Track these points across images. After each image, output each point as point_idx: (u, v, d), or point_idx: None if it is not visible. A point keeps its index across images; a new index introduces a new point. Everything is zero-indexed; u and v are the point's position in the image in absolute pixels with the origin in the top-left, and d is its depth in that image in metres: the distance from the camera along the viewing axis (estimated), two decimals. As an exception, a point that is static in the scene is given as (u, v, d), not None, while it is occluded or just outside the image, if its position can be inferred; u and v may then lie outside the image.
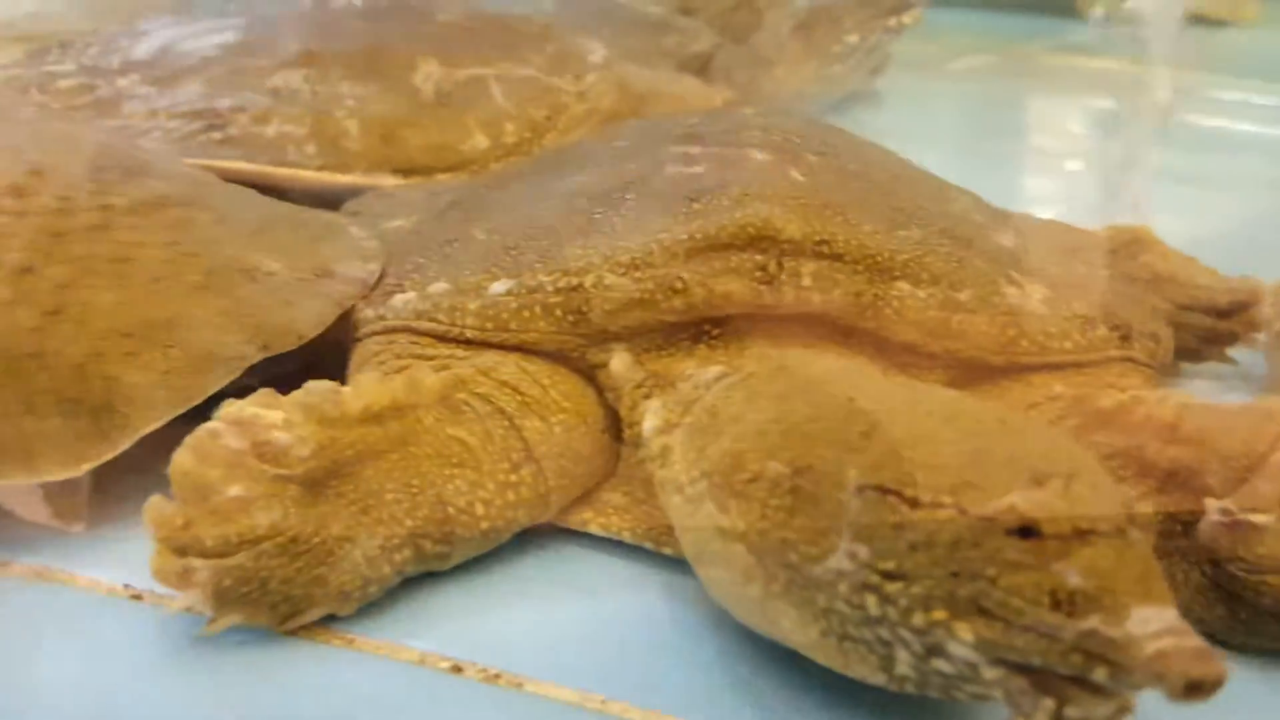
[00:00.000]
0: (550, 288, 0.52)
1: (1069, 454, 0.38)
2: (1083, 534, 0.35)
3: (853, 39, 1.25)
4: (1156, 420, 0.48)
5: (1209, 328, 0.69)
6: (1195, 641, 0.33)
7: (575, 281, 0.52)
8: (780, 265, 0.51)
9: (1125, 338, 0.54)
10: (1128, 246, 0.69)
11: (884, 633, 0.38)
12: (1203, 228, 0.91)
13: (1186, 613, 0.45)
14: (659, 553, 0.50)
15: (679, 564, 0.50)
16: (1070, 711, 0.35)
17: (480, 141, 0.84)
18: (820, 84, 1.27)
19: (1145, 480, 0.47)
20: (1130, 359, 0.54)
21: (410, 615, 0.47)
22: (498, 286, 0.54)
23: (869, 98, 1.35)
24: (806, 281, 0.51)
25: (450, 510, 0.48)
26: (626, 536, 0.51)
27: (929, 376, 0.52)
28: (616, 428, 0.53)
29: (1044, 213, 0.70)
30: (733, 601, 0.43)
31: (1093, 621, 0.34)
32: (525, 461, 0.50)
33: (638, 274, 0.52)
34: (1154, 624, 0.33)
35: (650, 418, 0.50)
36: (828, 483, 0.39)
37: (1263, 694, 0.44)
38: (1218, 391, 0.64)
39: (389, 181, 0.82)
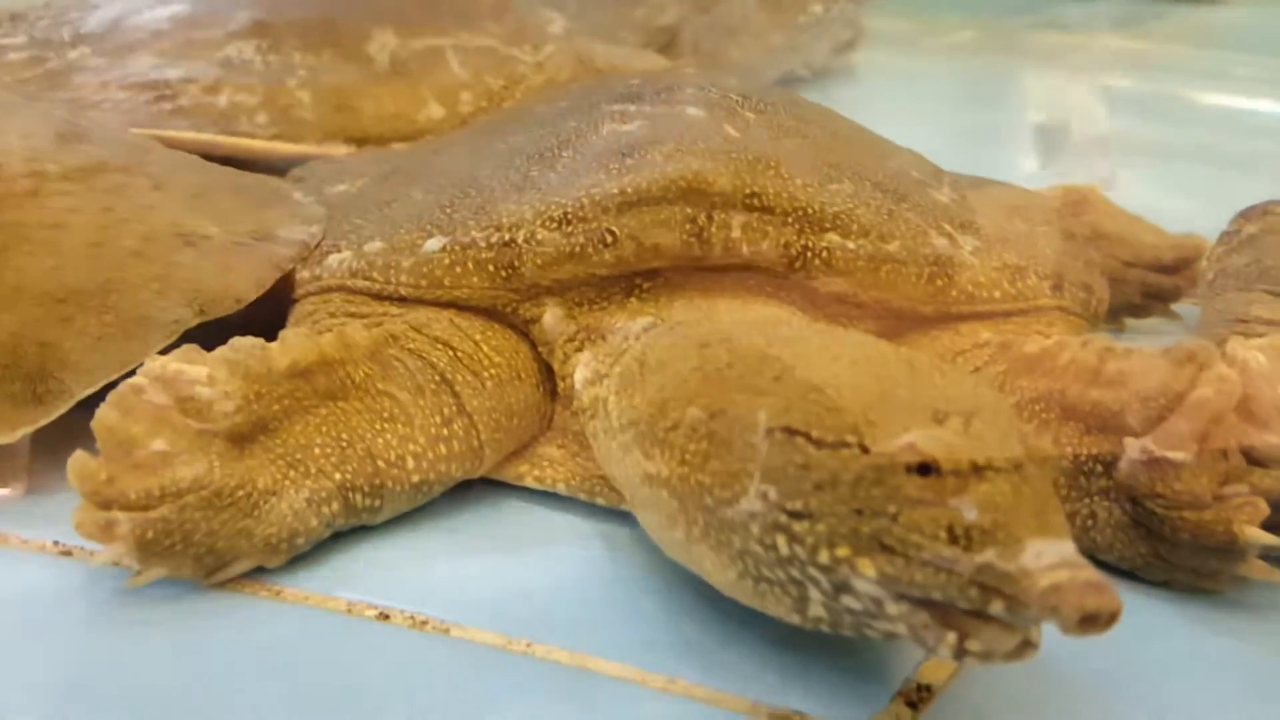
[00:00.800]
0: (483, 243, 0.53)
1: (972, 394, 0.38)
2: (979, 470, 0.35)
3: (817, 9, 1.25)
4: (1079, 364, 0.48)
5: (1153, 283, 0.70)
6: (1089, 574, 0.33)
7: (507, 237, 0.52)
8: (710, 218, 0.51)
9: (1056, 288, 0.55)
10: (1076, 206, 0.69)
11: (795, 572, 0.38)
12: (1158, 191, 0.91)
13: (1109, 550, 0.47)
14: (593, 503, 0.51)
15: (612, 513, 0.50)
16: (972, 645, 0.35)
17: (435, 111, 0.84)
18: (786, 55, 1.27)
19: (1069, 422, 0.48)
20: (1061, 308, 0.55)
21: (340, 567, 0.47)
22: (432, 244, 0.54)
23: (845, 73, 1.35)
24: (736, 234, 0.51)
25: (380, 464, 0.48)
26: (561, 489, 0.52)
27: (860, 326, 0.53)
28: (551, 382, 0.53)
29: (1006, 178, 0.70)
30: (664, 545, 0.44)
31: (988, 555, 0.34)
32: (457, 416, 0.50)
33: (569, 228, 0.52)
34: (1048, 557, 0.34)
35: (581, 369, 0.50)
36: (739, 426, 0.40)
37: (1182, 627, 0.44)
38: (1159, 344, 0.65)
39: (342, 151, 0.82)
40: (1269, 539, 0.44)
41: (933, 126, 1.16)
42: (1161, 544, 0.45)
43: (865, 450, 0.36)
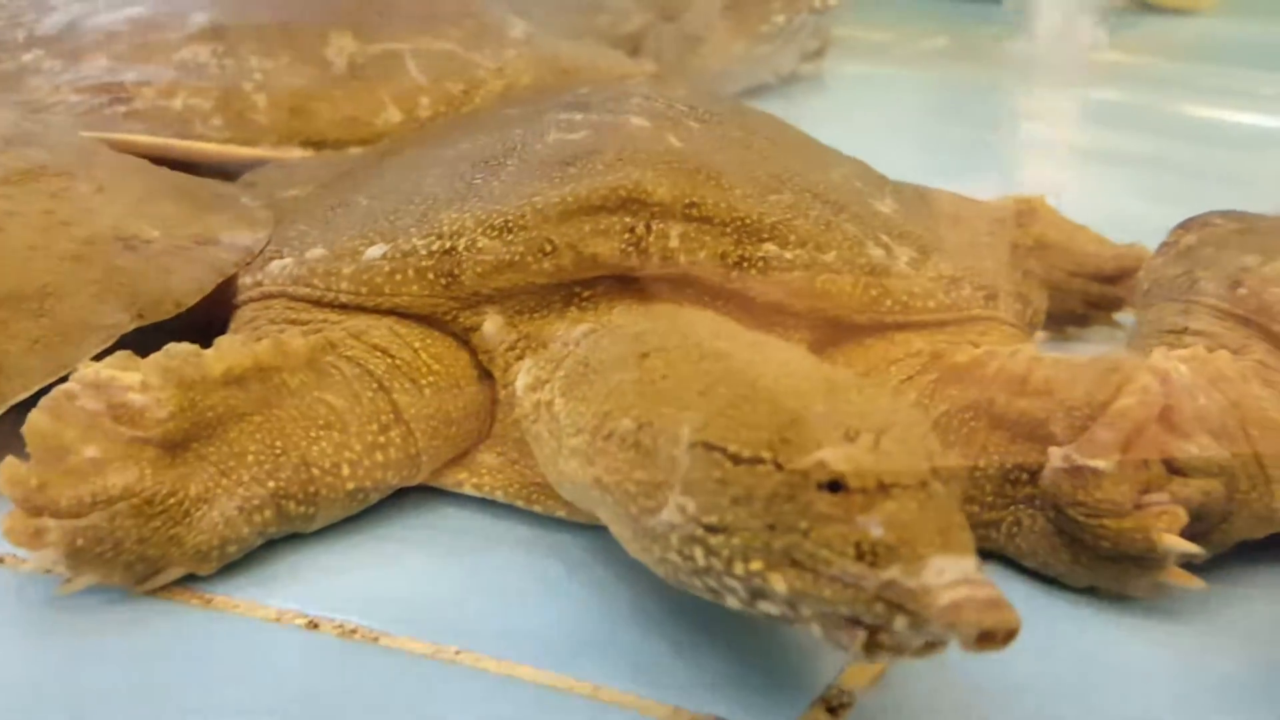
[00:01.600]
0: (424, 251, 0.53)
1: (887, 410, 0.39)
2: (886, 488, 0.36)
3: (779, 19, 1.26)
4: (1007, 373, 0.49)
5: (1095, 293, 0.71)
6: (988, 591, 0.34)
7: (448, 245, 0.52)
8: (649, 228, 0.52)
9: (990, 298, 0.56)
10: (1023, 216, 0.70)
11: (712, 582, 0.39)
12: (1107, 200, 0.93)
13: (1033, 557, 0.48)
14: (531, 510, 0.51)
15: (551, 520, 0.51)
16: (884, 640, 0.36)
17: (393, 116, 0.84)
18: (751, 64, 1.28)
19: (997, 431, 0.48)
20: (995, 318, 0.55)
21: (273, 575, 0.47)
22: (373, 251, 0.54)
23: (813, 82, 1.36)
24: (674, 243, 0.52)
25: (315, 471, 0.48)
26: (499, 495, 0.52)
27: (796, 335, 0.53)
28: (491, 389, 0.53)
29: (963, 188, 0.71)
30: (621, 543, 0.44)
31: (892, 572, 0.35)
32: (394, 423, 0.50)
33: (509, 236, 0.52)
34: (949, 574, 0.34)
35: (523, 376, 0.51)
36: (664, 438, 0.40)
37: (1103, 634, 0.45)
38: (1090, 354, 0.66)
39: (298, 155, 0.81)
40: (1187, 546, 0.44)
41: (897, 136, 1.17)
42: (1083, 551, 0.46)
43: (779, 467, 0.37)
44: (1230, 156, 1.09)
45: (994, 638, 0.33)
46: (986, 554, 0.49)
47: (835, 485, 0.36)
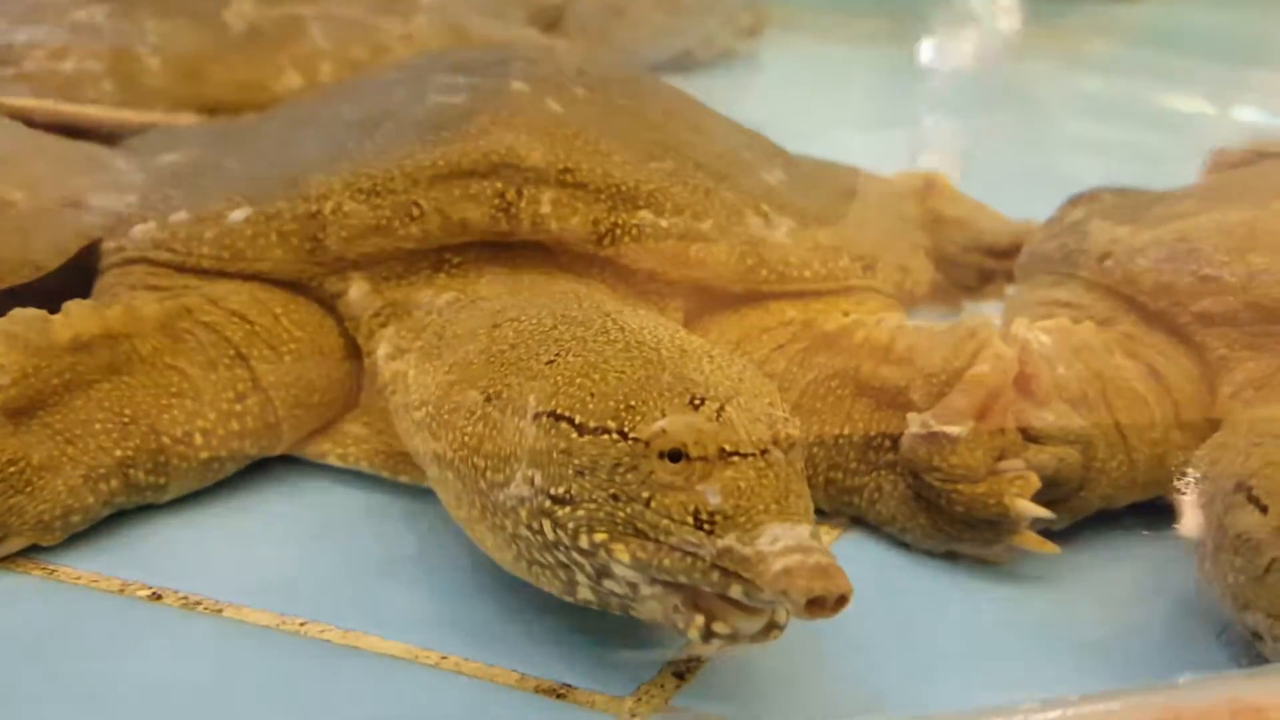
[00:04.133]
0: (288, 214, 0.51)
1: (734, 379, 0.38)
2: (726, 456, 0.36)
3: (699, -9, 1.26)
4: (872, 342, 0.49)
5: (988, 267, 0.71)
6: (820, 558, 0.34)
7: (314, 208, 0.51)
8: (520, 193, 0.51)
9: (868, 268, 0.56)
10: (922, 191, 0.70)
11: (561, 556, 0.38)
12: (1012, 179, 0.94)
13: (892, 522, 0.48)
14: (396, 480, 0.50)
15: (415, 490, 0.50)
16: (719, 627, 0.36)
17: (293, 80, 0.81)
18: (674, 36, 1.27)
19: (862, 398, 0.48)
20: (872, 288, 0.55)
21: (122, 546, 0.46)
22: (237, 214, 0.52)
23: (748, 57, 1.35)
24: (545, 209, 0.51)
25: (165, 440, 0.47)
26: (364, 466, 0.51)
27: (673, 304, 0.53)
28: (358, 358, 0.52)
29: (877, 163, 0.71)
30: (459, 523, 0.43)
31: (729, 540, 0.35)
32: (252, 391, 0.49)
33: (377, 200, 0.51)
34: (783, 541, 0.34)
35: (384, 345, 0.49)
36: (511, 410, 0.40)
37: (954, 596, 0.45)
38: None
39: (191, 120, 0.79)
40: (1039, 511, 0.45)
41: (824, 112, 1.17)
42: (940, 516, 0.46)
43: (623, 436, 0.37)
44: (1150, 137, 1.11)
45: (823, 604, 0.33)
46: (850, 519, 0.50)
47: (676, 454, 0.36)
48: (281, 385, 0.49)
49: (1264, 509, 0.38)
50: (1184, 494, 0.45)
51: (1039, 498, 0.45)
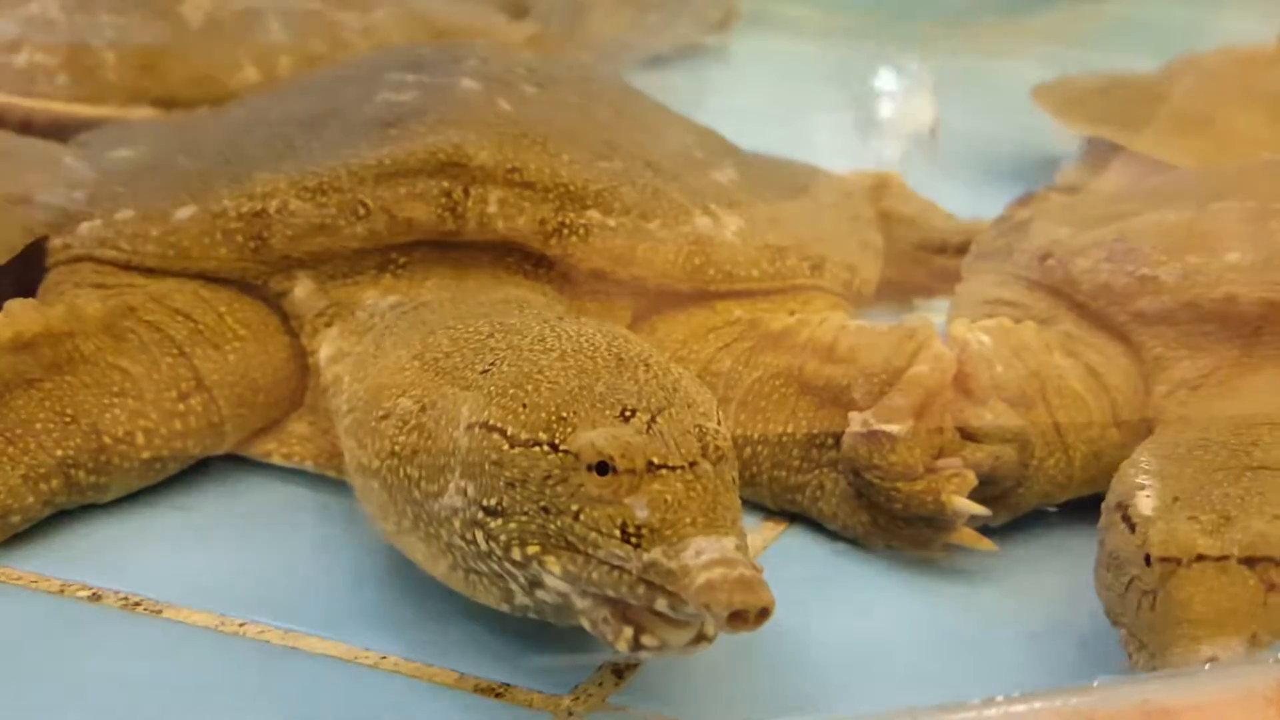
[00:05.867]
0: (233, 213, 0.51)
1: (668, 389, 0.38)
2: (654, 469, 0.36)
3: (667, -13, 1.26)
4: (816, 341, 0.49)
5: (940, 266, 0.72)
6: (743, 571, 0.34)
7: (259, 206, 0.51)
8: (466, 192, 0.51)
9: (816, 268, 0.56)
10: (875, 190, 0.71)
11: (495, 566, 0.38)
12: (969, 179, 0.95)
13: (834, 519, 0.48)
14: (341, 480, 0.50)
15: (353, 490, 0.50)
16: (647, 640, 0.36)
17: (250, 75, 0.81)
18: (639, 31, 1.27)
19: (806, 397, 0.49)
20: (819, 288, 0.56)
21: (62, 547, 0.46)
22: (182, 212, 0.52)
23: (717, 52, 1.35)
24: (492, 209, 0.51)
25: (106, 440, 0.47)
26: (309, 466, 0.51)
27: (620, 303, 0.53)
28: (304, 357, 0.52)
29: (837, 161, 0.72)
30: (381, 534, 0.43)
31: (655, 553, 0.35)
32: (195, 391, 0.49)
33: (323, 199, 0.50)
34: (707, 554, 0.34)
35: (326, 346, 0.49)
36: (445, 420, 0.40)
37: (893, 593, 0.46)
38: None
39: (147, 114, 0.79)
40: (975, 509, 0.46)
41: (788, 108, 1.17)
42: (880, 514, 0.47)
43: (554, 448, 0.37)
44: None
45: (745, 617, 0.33)
46: (793, 516, 0.50)
47: (604, 467, 0.36)
48: (225, 384, 0.49)
49: (1132, 528, 0.39)
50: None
51: (977, 495, 0.46)
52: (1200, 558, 0.37)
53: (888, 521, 0.47)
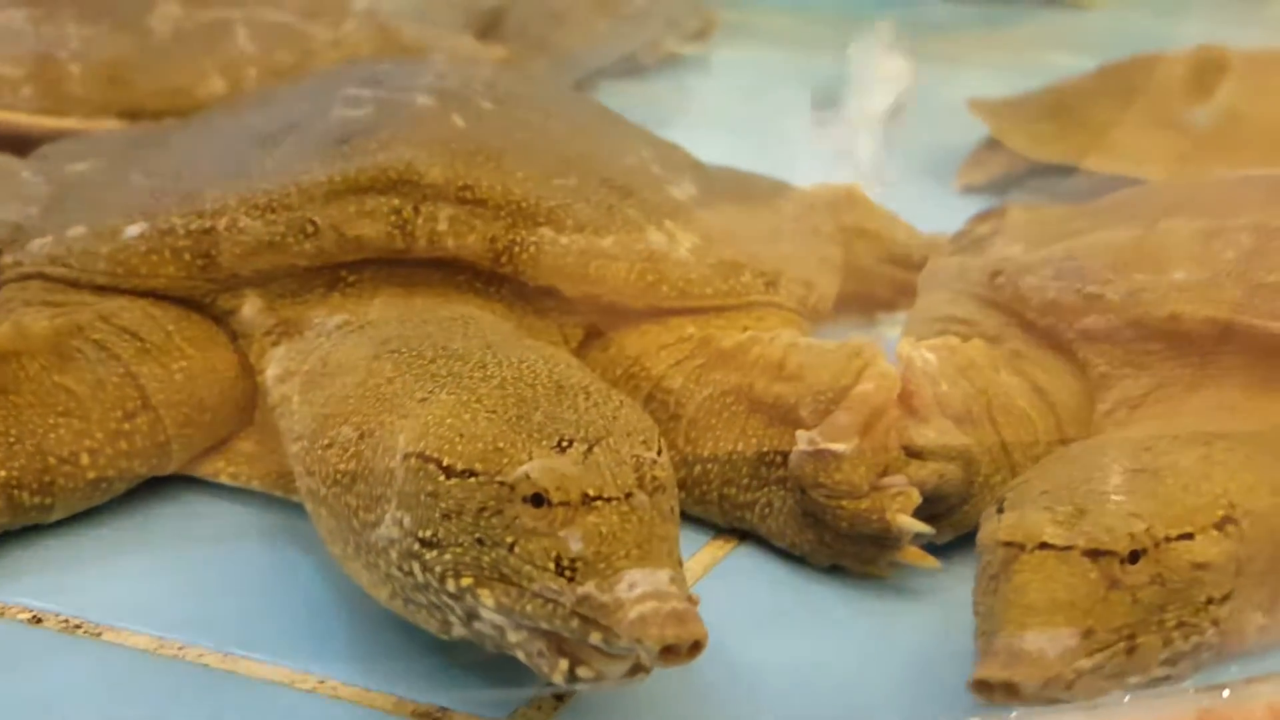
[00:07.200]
0: (182, 230, 0.51)
1: (607, 419, 0.38)
2: (589, 501, 0.35)
3: (640, 1, 1.26)
4: (766, 359, 0.49)
5: (902, 280, 0.72)
6: (675, 604, 0.34)
7: (208, 224, 0.51)
8: (417, 210, 0.51)
9: (770, 284, 0.56)
10: (837, 204, 0.71)
11: (432, 598, 0.38)
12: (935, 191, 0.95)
13: (782, 537, 0.48)
14: (288, 499, 0.50)
15: (302, 509, 0.49)
16: (582, 671, 0.36)
17: (217, 86, 0.81)
18: (614, 42, 1.27)
19: (755, 414, 0.49)
20: (773, 304, 0.56)
21: (6, 568, 0.45)
22: (132, 230, 0.52)
23: (696, 62, 1.36)
24: (442, 226, 0.51)
25: (51, 460, 0.46)
26: (256, 485, 0.50)
27: (572, 320, 0.53)
28: (253, 376, 0.51)
29: (806, 174, 0.72)
30: (335, 560, 0.43)
31: (588, 587, 0.35)
32: (141, 410, 0.48)
33: (272, 216, 0.50)
34: (640, 588, 0.34)
35: (274, 366, 0.49)
36: (382, 449, 0.39)
37: (849, 613, 0.46)
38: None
39: (113, 126, 0.78)
40: (919, 527, 0.46)
41: (760, 119, 1.17)
42: (826, 531, 0.47)
43: (490, 479, 0.36)
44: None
45: (677, 651, 0.33)
46: (743, 534, 0.50)
47: (539, 499, 0.36)
48: (171, 404, 0.49)
49: (1000, 517, 0.39)
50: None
51: (922, 513, 0.46)
52: (1044, 545, 0.37)
53: (834, 539, 0.47)
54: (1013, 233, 0.59)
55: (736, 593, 0.47)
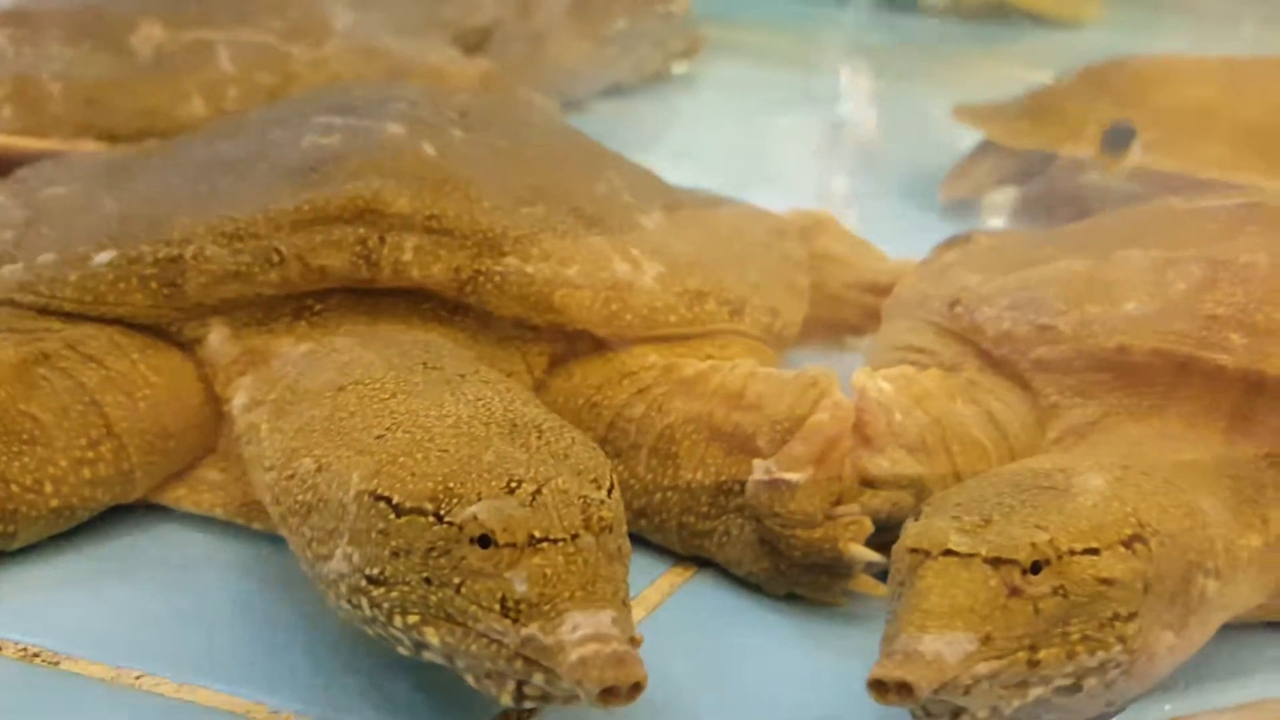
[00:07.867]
0: (149, 258, 0.51)
1: (559, 456, 0.39)
2: (535, 542, 0.36)
3: (622, 24, 1.26)
4: (726, 387, 0.50)
5: (870, 305, 0.73)
6: (615, 647, 0.34)
7: (175, 252, 0.51)
8: (382, 240, 0.51)
9: (735, 313, 0.57)
10: (808, 230, 0.72)
11: (381, 631, 0.39)
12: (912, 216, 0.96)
13: (739, 565, 0.49)
14: (250, 527, 0.50)
15: (270, 538, 0.50)
16: (530, 691, 0.36)
17: (197, 107, 0.81)
18: (598, 64, 1.28)
19: (715, 443, 0.49)
20: (738, 332, 0.56)
21: (-34, 596, 0.46)
22: (101, 257, 0.52)
23: (683, 81, 1.37)
24: (407, 256, 0.51)
25: (14, 489, 0.47)
26: (219, 513, 0.51)
27: (536, 349, 0.53)
28: (218, 403, 0.52)
29: (776, 194, 0.72)
30: None
31: (532, 628, 0.35)
32: (105, 438, 0.49)
33: (239, 245, 0.51)
34: (582, 630, 0.35)
35: (240, 395, 0.50)
36: (337, 484, 0.40)
37: (804, 642, 0.47)
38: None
39: (93, 148, 0.79)
40: (871, 555, 0.46)
41: (750, 137, 1.18)
42: (781, 560, 0.47)
43: (438, 519, 0.37)
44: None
45: (618, 693, 0.34)
46: (703, 562, 0.51)
47: (486, 540, 0.36)
48: (135, 432, 0.49)
49: (910, 525, 0.40)
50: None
51: (875, 542, 0.47)
52: (948, 552, 0.37)
53: (788, 568, 0.47)
54: (973, 261, 0.60)
55: (694, 620, 0.47)
